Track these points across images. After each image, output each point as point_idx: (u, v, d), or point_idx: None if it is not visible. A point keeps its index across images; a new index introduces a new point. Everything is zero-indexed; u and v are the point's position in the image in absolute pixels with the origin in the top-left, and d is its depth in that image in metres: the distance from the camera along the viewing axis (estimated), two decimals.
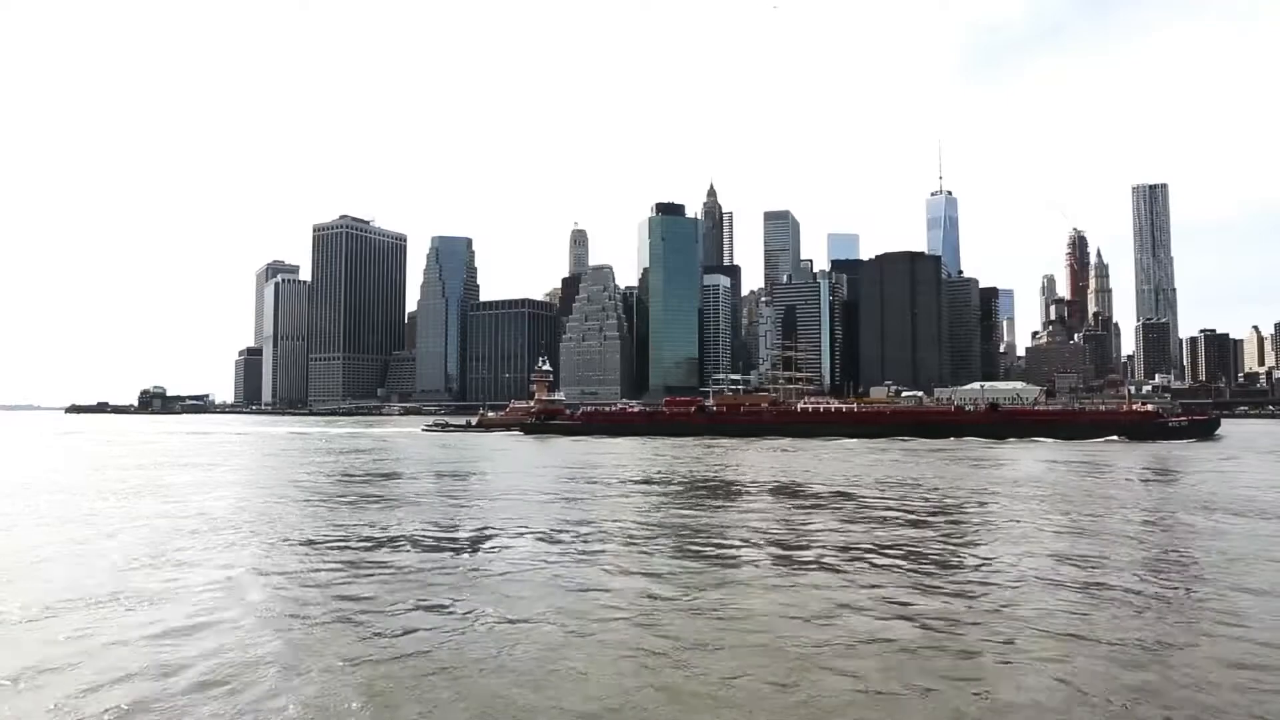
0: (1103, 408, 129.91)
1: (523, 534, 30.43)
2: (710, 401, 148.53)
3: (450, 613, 18.86)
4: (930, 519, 34.41)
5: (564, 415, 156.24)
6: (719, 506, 39.71)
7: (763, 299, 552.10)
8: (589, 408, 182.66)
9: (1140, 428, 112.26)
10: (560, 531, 31.08)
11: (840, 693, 13.64)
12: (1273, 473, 60.68)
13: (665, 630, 17.35)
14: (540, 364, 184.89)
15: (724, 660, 15.30)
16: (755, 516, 35.65)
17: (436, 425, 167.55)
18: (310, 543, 28.72)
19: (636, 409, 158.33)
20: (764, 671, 14.69)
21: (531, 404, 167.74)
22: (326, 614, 18.64)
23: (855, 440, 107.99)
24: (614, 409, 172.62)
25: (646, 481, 52.67)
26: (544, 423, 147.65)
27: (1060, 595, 20.32)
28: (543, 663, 15.16)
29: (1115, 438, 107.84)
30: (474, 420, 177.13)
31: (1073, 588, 21.14)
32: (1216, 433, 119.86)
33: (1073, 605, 19.26)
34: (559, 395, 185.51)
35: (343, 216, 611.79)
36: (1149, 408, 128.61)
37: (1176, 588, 21.29)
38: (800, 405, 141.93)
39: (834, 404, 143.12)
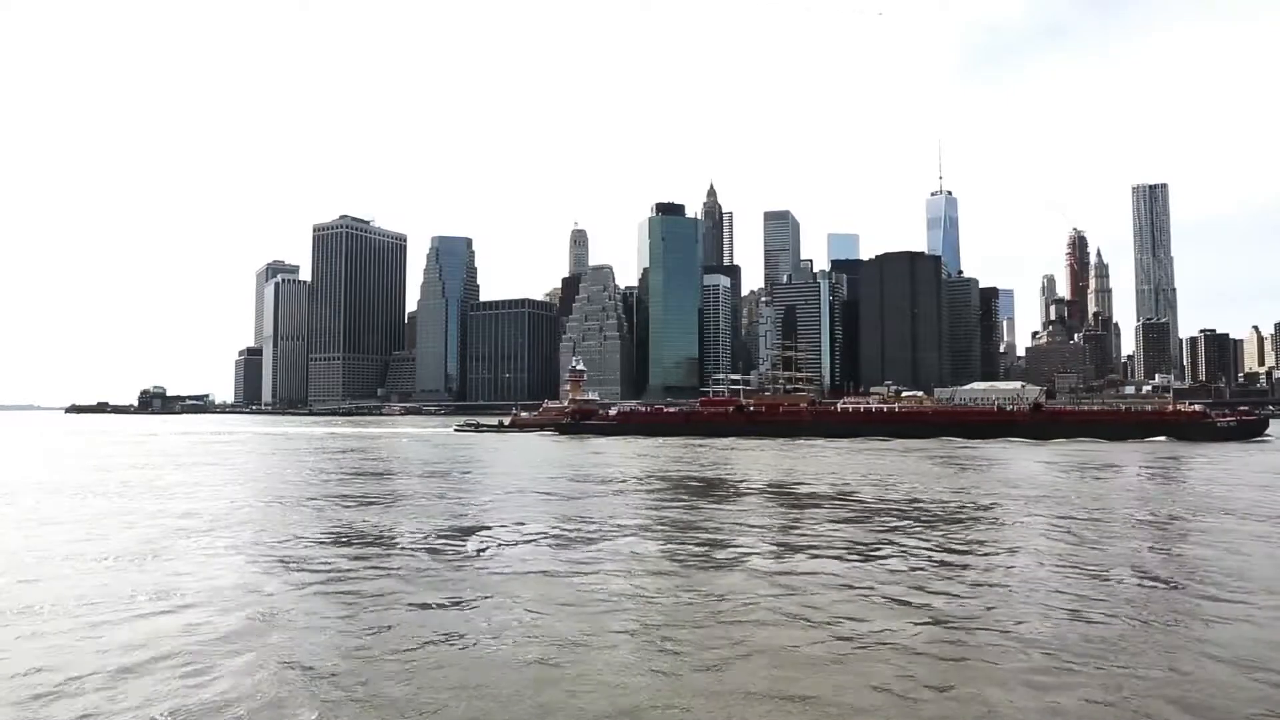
0: (1148, 408, 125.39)
1: (583, 536, 30.33)
2: (748, 401, 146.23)
3: (479, 611, 18.85)
4: (977, 522, 34.33)
5: (598, 415, 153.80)
6: (769, 509, 39.05)
7: (763, 299, 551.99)
8: (625, 407, 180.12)
9: (1188, 428, 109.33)
10: (616, 531, 31.08)
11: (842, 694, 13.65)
12: None
13: (690, 630, 17.33)
14: (574, 364, 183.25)
15: (734, 660, 15.30)
16: (805, 520, 35.55)
17: (469, 425, 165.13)
18: (359, 541, 28.73)
19: (675, 409, 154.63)
20: (779, 676, 14.68)
21: (565, 404, 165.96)
22: (355, 612, 18.65)
23: (897, 441, 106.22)
24: (650, 409, 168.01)
25: (698, 484, 51.32)
26: (579, 423, 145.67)
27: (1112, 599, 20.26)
28: (553, 662, 15.16)
29: (1164, 438, 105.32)
30: (506, 420, 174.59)
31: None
32: (1265, 433, 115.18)
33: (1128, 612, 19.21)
34: (592, 395, 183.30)
35: (343, 216, 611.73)
36: (1196, 408, 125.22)
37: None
38: (840, 405, 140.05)
39: (874, 404, 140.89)
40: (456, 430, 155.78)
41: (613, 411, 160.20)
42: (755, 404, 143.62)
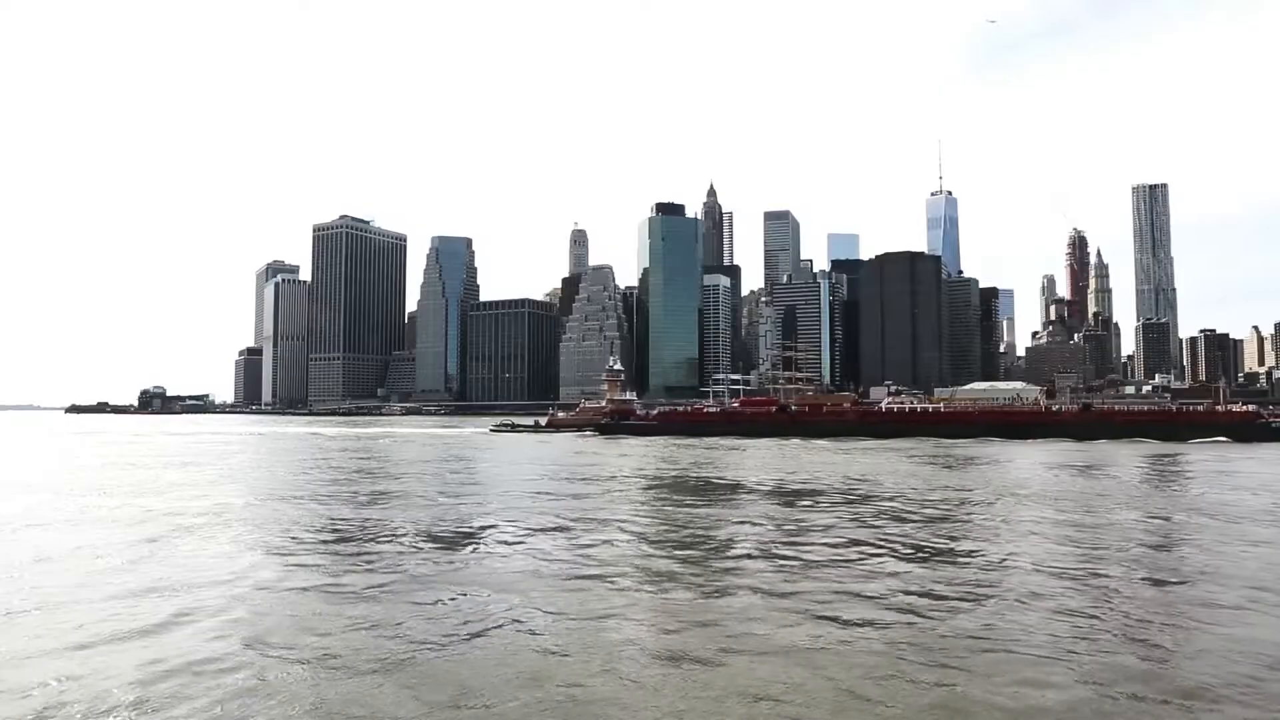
0: (1199, 408, 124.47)
1: (673, 544, 30.09)
2: (790, 401, 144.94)
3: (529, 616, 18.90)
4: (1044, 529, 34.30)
5: (636, 415, 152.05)
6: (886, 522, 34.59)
7: (763, 299, 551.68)
8: (665, 407, 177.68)
9: (1241, 428, 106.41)
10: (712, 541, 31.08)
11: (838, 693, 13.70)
12: None
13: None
14: (611, 363, 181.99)
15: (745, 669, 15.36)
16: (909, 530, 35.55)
17: (505, 425, 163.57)
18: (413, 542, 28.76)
19: (715, 409, 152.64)
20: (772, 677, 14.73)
21: (603, 403, 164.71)
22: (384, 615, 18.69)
23: (946, 441, 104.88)
24: (690, 408, 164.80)
25: (771, 489, 47.28)
26: (618, 423, 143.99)
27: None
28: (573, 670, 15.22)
29: (1221, 439, 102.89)
30: (542, 420, 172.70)
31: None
32: None
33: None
34: (630, 395, 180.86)
35: (343, 216, 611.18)
36: (1248, 408, 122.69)
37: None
38: (884, 405, 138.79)
39: (918, 404, 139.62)
40: (492, 431, 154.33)
41: (652, 411, 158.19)
42: (798, 404, 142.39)
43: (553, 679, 14.18)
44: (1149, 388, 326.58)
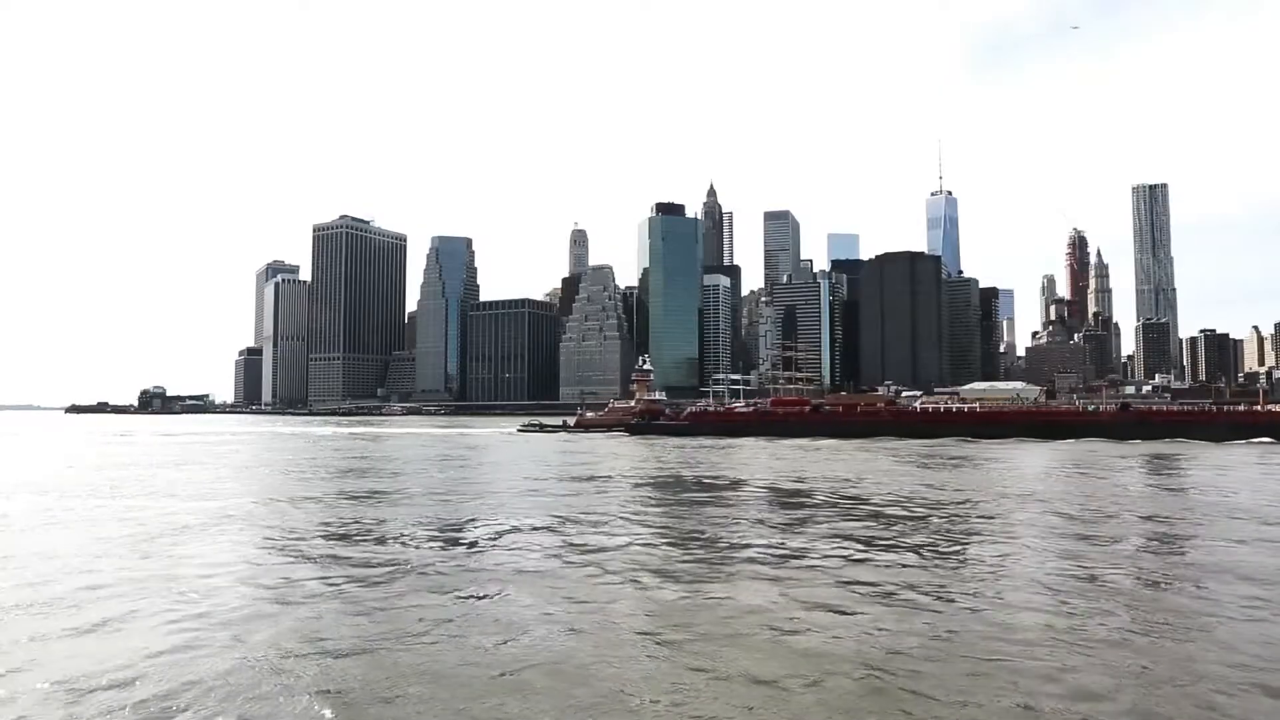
0: (1241, 408, 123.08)
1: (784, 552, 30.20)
2: (823, 400, 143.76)
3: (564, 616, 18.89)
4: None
5: (665, 415, 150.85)
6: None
7: (763, 299, 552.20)
8: (693, 407, 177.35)
9: None
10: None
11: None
12: None
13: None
14: (641, 363, 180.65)
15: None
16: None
17: (532, 426, 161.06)
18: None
19: (748, 408, 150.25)
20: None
21: (632, 403, 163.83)
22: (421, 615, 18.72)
23: (987, 440, 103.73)
24: (721, 408, 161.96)
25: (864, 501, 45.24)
26: (649, 423, 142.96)
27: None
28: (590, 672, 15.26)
29: (1264, 439, 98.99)
30: (571, 421, 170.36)
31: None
32: None
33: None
34: (659, 395, 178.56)
35: (343, 216, 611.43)
36: None
37: None
38: (918, 405, 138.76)
39: (953, 404, 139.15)
40: (519, 431, 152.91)
41: (683, 412, 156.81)
42: (831, 403, 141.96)
43: (555, 673, 14.23)
44: (1149, 388, 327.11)
